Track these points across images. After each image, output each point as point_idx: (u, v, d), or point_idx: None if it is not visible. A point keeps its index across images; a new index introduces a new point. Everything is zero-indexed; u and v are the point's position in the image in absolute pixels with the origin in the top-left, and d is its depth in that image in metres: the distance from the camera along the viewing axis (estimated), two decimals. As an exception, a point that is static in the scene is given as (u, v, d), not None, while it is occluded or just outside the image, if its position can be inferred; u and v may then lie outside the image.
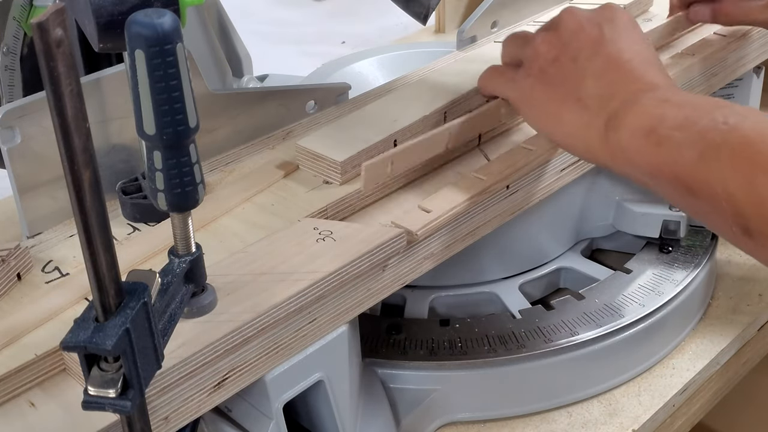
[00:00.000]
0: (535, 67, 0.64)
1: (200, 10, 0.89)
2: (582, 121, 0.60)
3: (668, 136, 0.54)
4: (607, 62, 0.61)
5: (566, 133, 0.62)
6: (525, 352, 0.71)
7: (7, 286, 0.60)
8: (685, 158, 0.53)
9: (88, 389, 0.42)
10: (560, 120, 0.62)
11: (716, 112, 0.53)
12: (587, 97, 0.61)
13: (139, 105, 0.46)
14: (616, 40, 0.62)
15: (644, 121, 0.56)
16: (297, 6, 1.87)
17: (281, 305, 0.56)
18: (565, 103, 0.62)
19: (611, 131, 0.58)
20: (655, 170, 0.55)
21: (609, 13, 0.65)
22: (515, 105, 0.67)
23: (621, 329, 0.74)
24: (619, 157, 0.58)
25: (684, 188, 0.53)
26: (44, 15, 0.34)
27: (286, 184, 0.69)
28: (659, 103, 0.57)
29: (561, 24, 0.65)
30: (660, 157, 0.54)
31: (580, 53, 0.62)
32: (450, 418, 0.74)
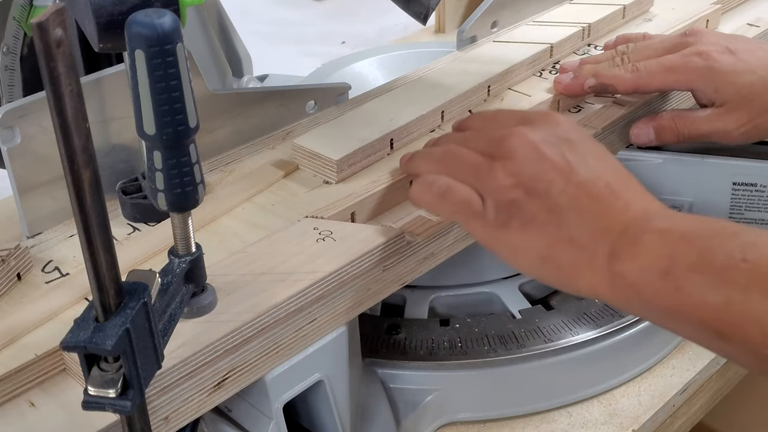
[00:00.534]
0: (505, 206, 0.57)
1: (200, 10, 0.89)
2: (581, 264, 0.55)
3: (686, 278, 0.51)
4: (584, 193, 0.56)
5: (565, 275, 0.57)
6: (525, 352, 0.71)
7: (7, 286, 0.60)
8: (709, 303, 0.50)
9: (88, 389, 0.42)
10: (557, 266, 0.56)
11: (730, 245, 0.50)
12: (579, 237, 0.55)
13: (139, 105, 0.46)
14: (584, 163, 0.58)
15: (655, 263, 0.52)
16: (297, 6, 1.87)
17: (281, 305, 0.56)
18: (556, 247, 0.56)
19: (618, 273, 0.54)
20: (677, 314, 0.52)
21: (558, 129, 0.60)
22: (490, 246, 0.60)
23: (621, 329, 0.74)
24: (633, 299, 0.54)
25: (713, 332, 0.50)
26: (44, 15, 0.34)
27: (286, 184, 0.70)
28: (662, 237, 0.53)
29: (516, 152, 0.58)
30: (680, 301, 0.51)
31: (551, 186, 0.57)
32: (450, 418, 0.74)
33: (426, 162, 0.64)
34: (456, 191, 0.59)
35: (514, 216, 0.57)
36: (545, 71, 0.85)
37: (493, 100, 0.80)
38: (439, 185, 0.60)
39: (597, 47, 0.89)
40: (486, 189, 0.59)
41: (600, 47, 0.88)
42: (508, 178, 0.57)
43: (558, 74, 0.82)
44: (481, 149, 0.60)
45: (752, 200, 0.79)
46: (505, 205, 0.57)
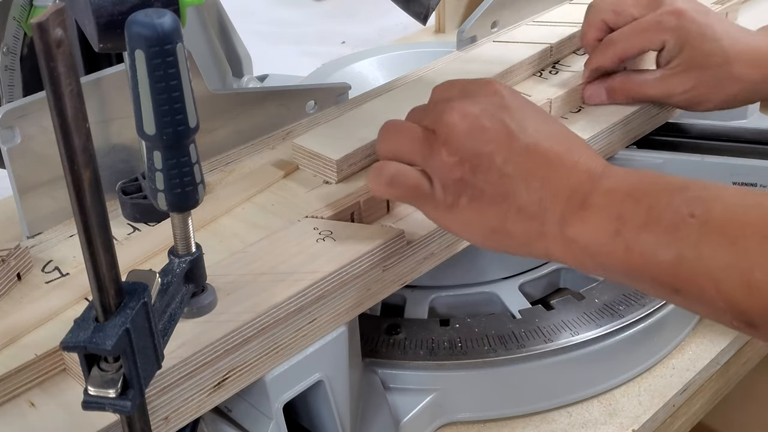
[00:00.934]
0: (452, 185, 0.57)
1: (200, 10, 0.89)
2: (532, 232, 0.56)
3: (636, 238, 0.51)
4: (528, 159, 0.56)
5: (518, 246, 0.57)
6: (525, 352, 0.71)
7: (7, 286, 0.60)
8: (661, 261, 0.50)
9: (88, 389, 0.42)
10: (509, 235, 0.57)
11: (677, 201, 0.51)
12: (528, 204, 0.56)
13: (139, 105, 0.46)
14: (525, 129, 0.57)
15: (604, 225, 0.52)
16: (297, 6, 1.87)
17: (281, 305, 0.56)
18: (507, 218, 0.56)
19: (570, 238, 0.54)
20: (632, 273, 0.52)
21: (497, 98, 0.59)
22: (444, 225, 0.61)
23: (621, 329, 0.74)
24: (587, 262, 0.54)
25: (668, 289, 0.51)
26: (44, 15, 0.34)
27: (286, 184, 0.70)
28: (609, 198, 0.53)
29: (456, 128, 0.57)
30: (633, 261, 0.51)
31: (495, 157, 0.56)
32: (450, 418, 0.74)
33: (380, 140, 0.63)
34: (404, 176, 0.59)
35: (461, 194, 0.57)
36: (545, 71, 0.85)
37: (493, 100, 0.80)
38: (388, 172, 0.60)
39: (597, 47, 0.89)
40: (432, 169, 0.58)
41: (600, 47, 0.88)
42: (451, 157, 0.57)
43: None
44: (425, 124, 0.60)
45: (752, 200, 0.79)
46: (452, 185, 0.57)
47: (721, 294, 0.48)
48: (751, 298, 0.47)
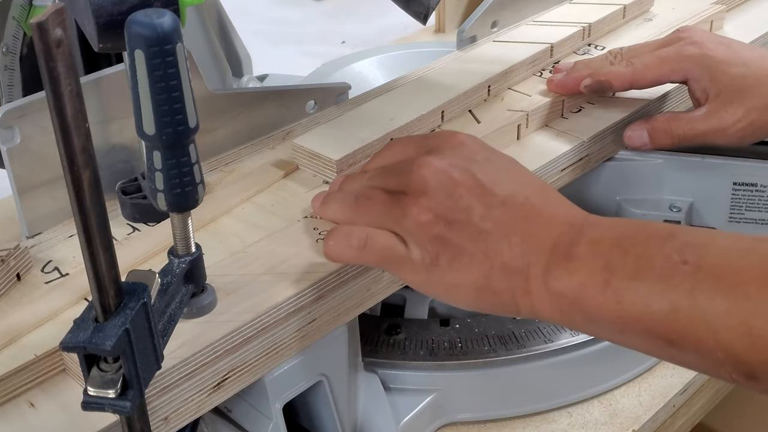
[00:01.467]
0: (429, 244, 0.54)
1: (200, 10, 0.89)
2: (519, 287, 0.53)
3: (627, 287, 0.49)
4: (505, 212, 0.54)
5: (504, 302, 0.54)
6: (525, 352, 0.71)
7: (7, 286, 0.59)
8: (655, 311, 0.48)
9: (87, 389, 0.42)
10: (495, 294, 0.54)
11: (667, 248, 0.49)
12: (511, 260, 0.53)
13: (139, 105, 0.46)
14: (497, 182, 0.55)
15: (592, 277, 0.50)
16: (297, 6, 1.87)
17: (281, 305, 0.56)
18: (491, 275, 0.53)
19: (558, 293, 0.52)
20: (623, 326, 0.49)
21: (465, 150, 0.57)
22: (424, 289, 0.56)
23: (621, 329, 0.74)
24: (577, 318, 0.51)
25: (662, 341, 0.48)
26: (44, 15, 0.34)
27: (286, 184, 0.69)
28: (594, 249, 0.51)
29: (426, 183, 0.55)
30: (625, 312, 0.49)
31: (471, 213, 0.54)
32: (450, 419, 0.74)
33: (340, 207, 0.60)
34: (376, 239, 0.56)
35: (440, 253, 0.54)
36: (545, 71, 0.84)
37: (493, 100, 0.80)
38: (358, 236, 0.56)
39: (597, 47, 0.89)
40: (406, 230, 0.55)
41: (600, 47, 0.88)
42: (425, 214, 0.54)
43: (552, 74, 0.81)
44: (391, 187, 0.57)
45: (752, 200, 0.79)
46: (429, 243, 0.54)
47: (720, 344, 0.46)
48: (753, 348, 0.45)
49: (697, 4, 0.94)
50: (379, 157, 0.63)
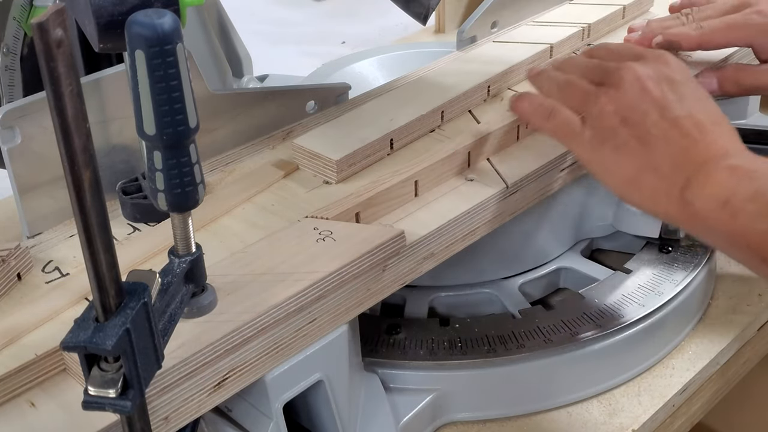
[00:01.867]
0: (603, 128, 0.64)
1: (200, 10, 0.89)
2: (660, 190, 0.62)
3: (741, 208, 0.57)
4: (676, 126, 0.62)
5: (644, 199, 0.63)
6: (525, 352, 0.71)
7: (7, 286, 0.60)
8: (757, 230, 0.56)
9: (88, 389, 0.42)
10: (639, 187, 0.63)
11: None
12: (662, 165, 0.62)
13: (139, 105, 0.46)
14: (681, 100, 0.63)
15: (719, 192, 0.58)
16: (297, 6, 1.87)
17: (281, 305, 0.56)
18: (641, 171, 0.62)
19: (688, 202, 0.60)
20: (731, 239, 0.58)
21: (666, 68, 0.66)
22: (584, 164, 0.67)
23: (621, 329, 0.74)
24: (698, 225, 0.60)
25: (758, 257, 0.57)
26: (44, 15, 0.34)
27: (286, 184, 0.70)
28: (731, 173, 0.59)
29: (623, 83, 0.65)
30: (735, 228, 0.57)
31: (647, 116, 0.63)
32: (450, 418, 0.74)
33: (549, 85, 0.71)
34: (560, 113, 0.67)
35: (608, 140, 0.64)
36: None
37: (493, 100, 0.80)
38: (546, 107, 0.68)
39: (597, 47, 0.88)
40: (588, 113, 0.65)
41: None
42: (608, 105, 0.64)
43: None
44: (595, 79, 0.67)
45: (752, 200, 0.79)
46: (601, 130, 0.64)
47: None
48: None
49: (697, 5, 0.95)
50: (599, 50, 0.73)
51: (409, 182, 0.68)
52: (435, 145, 0.72)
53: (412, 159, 0.70)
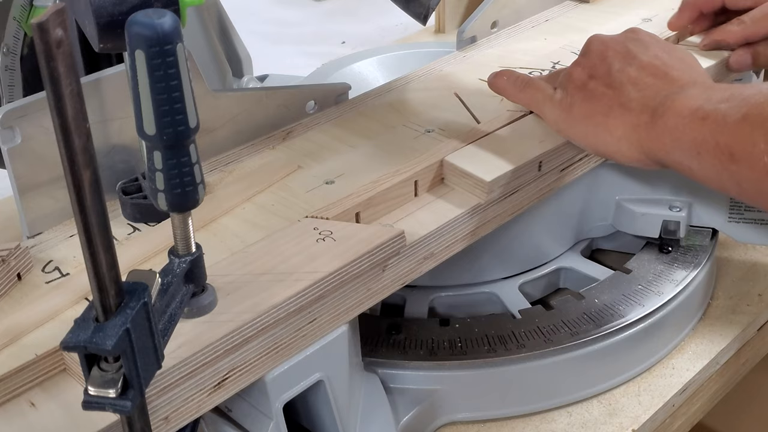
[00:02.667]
0: (571, 88, 0.68)
1: (200, 10, 0.89)
2: (630, 123, 0.63)
3: (713, 109, 0.58)
4: (641, 69, 0.65)
5: (616, 139, 0.64)
6: (525, 352, 0.71)
7: (7, 286, 0.60)
8: (728, 123, 0.56)
9: (88, 389, 0.42)
10: (607, 128, 0.65)
11: (762, 85, 0.58)
12: (629, 101, 0.64)
13: (139, 105, 0.46)
14: (645, 51, 0.67)
15: (690, 102, 0.59)
16: (297, 6, 1.87)
17: (281, 305, 0.56)
18: (609, 112, 0.65)
19: (658, 120, 0.61)
20: (700, 145, 0.58)
21: (632, 33, 0.70)
22: (554, 125, 0.70)
23: (621, 329, 0.74)
24: (666, 142, 0.61)
25: (726, 155, 0.56)
26: (44, 15, 0.34)
27: (286, 184, 0.70)
28: (704, 89, 0.60)
29: (589, 48, 0.69)
30: (705, 129, 0.58)
31: (612, 67, 0.66)
32: (450, 418, 0.74)
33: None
34: (533, 84, 0.72)
35: (576, 94, 0.67)
36: (545, 71, 0.85)
37: (492, 100, 0.80)
38: (522, 79, 0.73)
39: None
40: (559, 81, 0.70)
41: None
42: (576, 68, 0.69)
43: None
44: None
45: (752, 200, 0.79)
46: (572, 87, 0.68)
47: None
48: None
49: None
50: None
51: (409, 182, 0.68)
52: (435, 145, 0.72)
53: (412, 159, 0.70)
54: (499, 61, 0.87)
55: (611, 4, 0.98)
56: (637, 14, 0.95)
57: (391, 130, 0.76)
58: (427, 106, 0.79)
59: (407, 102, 0.81)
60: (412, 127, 0.76)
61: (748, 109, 0.56)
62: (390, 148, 0.73)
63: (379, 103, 0.81)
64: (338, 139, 0.75)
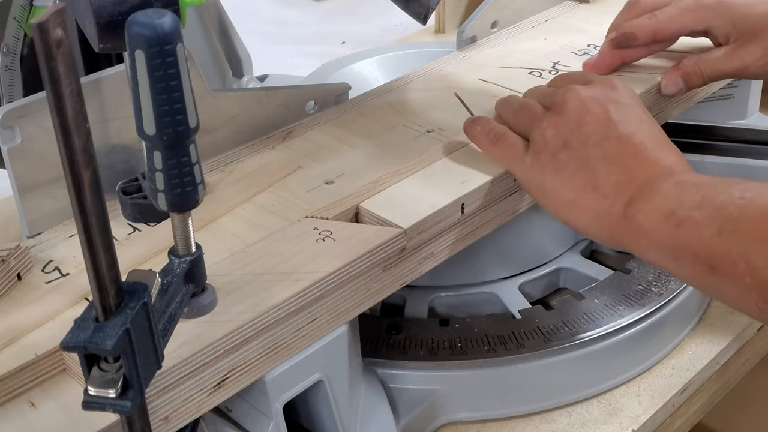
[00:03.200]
0: (544, 153, 0.64)
1: (200, 10, 0.89)
2: (602, 210, 0.60)
3: (687, 216, 0.55)
4: (618, 146, 0.62)
5: (587, 222, 0.62)
6: (525, 352, 0.71)
7: (7, 286, 0.60)
8: (704, 236, 0.53)
9: (88, 389, 0.42)
10: (579, 209, 0.62)
11: (733, 189, 0.54)
12: (604, 185, 0.61)
13: (139, 105, 0.46)
14: (624, 122, 0.63)
15: (664, 205, 0.56)
16: (297, 6, 1.87)
17: (281, 305, 0.56)
18: (582, 192, 0.61)
19: (631, 218, 0.58)
20: (677, 252, 0.55)
21: (612, 92, 0.65)
22: (526, 188, 0.67)
23: (621, 329, 0.74)
24: (642, 243, 0.58)
25: (705, 267, 0.54)
26: (44, 15, 0.34)
27: (286, 184, 0.70)
28: (677, 186, 0.57)
29: (566, 106, 0.64)
30: (680, 239, 0.55)
31: (589, 138, 0.62)
32: (450, 418, 0.74)
33: (506, 109, 0.71)
34: (507, 138, 0.67)
35: (548, 164, 0.63)
36: (545, 71, 0.85)
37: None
38: (496, 132, 0.68)
39: (596, 47, 0.88)
40: (531, 138, 0.65)
41: (599, 47, 0.88)
42: (550, 130, 0.64)
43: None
44: (545, 103, 0.67)
45: (752, 200, 0.79)
46: (543, 153, 0.64)
47: (750, 268, 0.51)
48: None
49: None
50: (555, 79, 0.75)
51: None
52: (435, 145, 0.72)
53: (412, 159, 0.70)
54: (499, 61, 0.87)
55: (611, 4, 0.98)
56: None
57: (391, 130, 0.76)
58: (427, 106, 0.79)
59: (407, 102, 0.81)
60: (412, 127, 0.76)
61: (723, 223, 0.53)
62: (390, 148, 0.73)
63: (379, 103, 0.81)
64: (338, 139, 0.75)
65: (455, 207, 0.65)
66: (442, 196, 0.65)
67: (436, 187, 0.66)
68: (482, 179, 0.67)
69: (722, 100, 0.96)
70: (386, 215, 0.63)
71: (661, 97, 0.79)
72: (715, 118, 0.94)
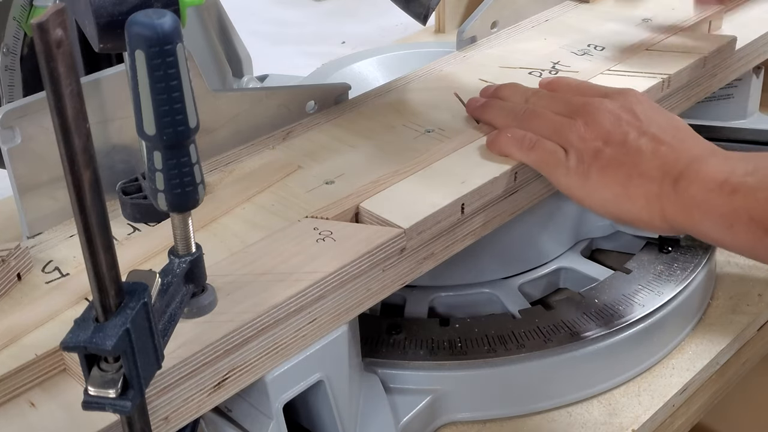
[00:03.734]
0: (587, 155, 0.65)
1: (200, 10, 0.89)
2: (651, 193, 0.62)
3: (741, 182, 0.57)
4: (655, 139, 0.64)
5: (638, 209, 0.63)
6: (525, 352, 0.71)
7: (7, 286, 0.60)
8: (759, 199, 0.55)
9: (88, 389, 0.42)
10: (629, 199, 0.63)
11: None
12: (650, 170, 0.62)
13: (139, 105, 0.46)
14: (654, 120, 0.65)
15: (715, 175, 0.58)
16: (297, 6, 1.87)
17: (281, 305, 0.56)
18: (629, 182, 0.63)
19: (682, 192, 0.60)
20: (732, 218, 0.57)
21: (632, 97, 0.68)
22: (567, 191, 0.67)
23: (621, 329, 0.74)
24: (695, 215, 0.59)
25: (762, 230, 0.55)
26: (44, 15, 0.34)
27: (286, 184, 0.70)
28: (725, 160, 0.60)
29: (597, 114, 0.66)
30: (735, 204, 0.57)
31: (627, 136, 0.64)
32: (450, 418, 0.74)
33: (503, 116, 0.71)
34: (544, 144, 0.67)
35: (593, 162, 0.64)
36: (545, 71, 0.85)
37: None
38: (530, 139, 0.68)
39: (596, 47, 0.89)
40: (568, 142, 0.66)
41: (600, 47, 0.88)
42: (589, 132, 0.65)
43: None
44: (561, 111, 0.68)
45: (752, 200, 0.79)
46: (587, 154, 0.65)
47: None
48: None
49: (697, 5, 0.94)
50: (559, 84, 0.75)
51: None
52: (435, 145, 0.72)
53: (412, 159, 0.70)
54: (499, 61, 0.87)
55: (611, 4, 0.98)
56: (636, 14, 0.95)
57: (391, 130, 0.76)
58: (427, 106, 0.79)
59: (407, 102, 0.81)
60: (412, 127, 0.76)
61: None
62: (390, 148, 0.73)
63: (379, 103, 0.81)
64: (338, 139, 0.75)
65: (455, 207, 0.65)
66: (442, 196, 0.65)
67: (436, 187, 0.66)
68: (482, 179, 0.67)
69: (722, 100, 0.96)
70: (386, 215, 0.63)
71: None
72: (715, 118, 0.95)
